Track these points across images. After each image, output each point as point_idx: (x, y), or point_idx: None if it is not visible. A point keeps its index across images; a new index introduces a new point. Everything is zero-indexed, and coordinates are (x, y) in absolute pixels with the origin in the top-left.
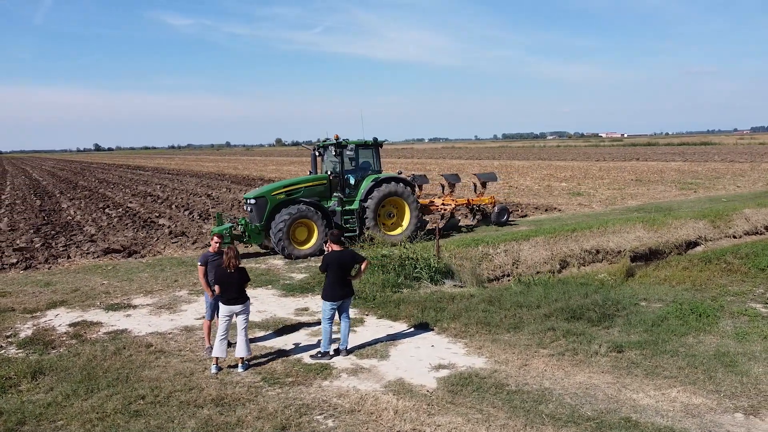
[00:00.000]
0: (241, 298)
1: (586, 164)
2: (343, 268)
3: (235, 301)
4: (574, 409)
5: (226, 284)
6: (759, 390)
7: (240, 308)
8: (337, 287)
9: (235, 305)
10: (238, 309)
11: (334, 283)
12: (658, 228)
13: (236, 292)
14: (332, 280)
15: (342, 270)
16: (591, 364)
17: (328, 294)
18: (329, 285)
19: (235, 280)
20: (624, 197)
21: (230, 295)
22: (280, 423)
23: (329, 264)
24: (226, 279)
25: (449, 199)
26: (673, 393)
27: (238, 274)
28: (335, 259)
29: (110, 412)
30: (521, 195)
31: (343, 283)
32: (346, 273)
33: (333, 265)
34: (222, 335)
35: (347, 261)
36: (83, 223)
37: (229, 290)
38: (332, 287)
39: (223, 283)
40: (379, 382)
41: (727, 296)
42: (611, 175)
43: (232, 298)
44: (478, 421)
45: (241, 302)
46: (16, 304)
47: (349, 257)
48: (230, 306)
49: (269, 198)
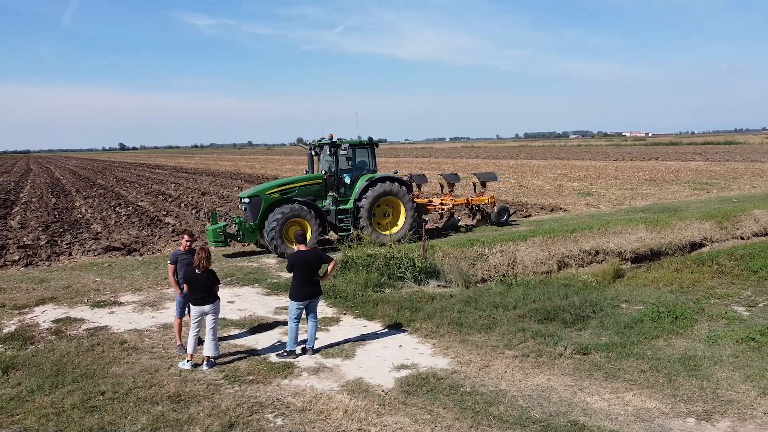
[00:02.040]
0: (209, 299)
1: (602, 164)
2: (309, 267)
3: (204, 301)
4: (523, 412)
5: (194, 284)
6: (716, 395)
7: (209, 308)
8: (303, 287)
9: (204, 305)
10: (207, 309)
11: (301, 283)
12: (661, 229)
13: (204, 292)
14: (298, 279)
15: (308, 270)
16: (553, 366)
17: (295, 293)
18: (296, 285)
19: (203, 280)
20: (634, 197)
21: (198, 295)
22: (229, 421)
23: (295, 264)
24: (194, 279)
25: (448, 199)
26: (628, 396)
27: (207, 276)
28: (300, 259)
29: (68, 407)
30: (530, 195)
31: (310, 282)
32: (313, 273)
33: (298, 264)
34: (194, 333)
35: (313, 261)
36: (92, 221)
37: (197, 290)
38: (299, 287)
39: (191, 283)
40: (338, 381)
41: (712, 299)
42: (625, 174)
43: (200, 298)
44: (425, 422)
45: (209, 302)
46: (6, 300)
47: (315, 257)
48: (199, 306)
49: (263, 197)
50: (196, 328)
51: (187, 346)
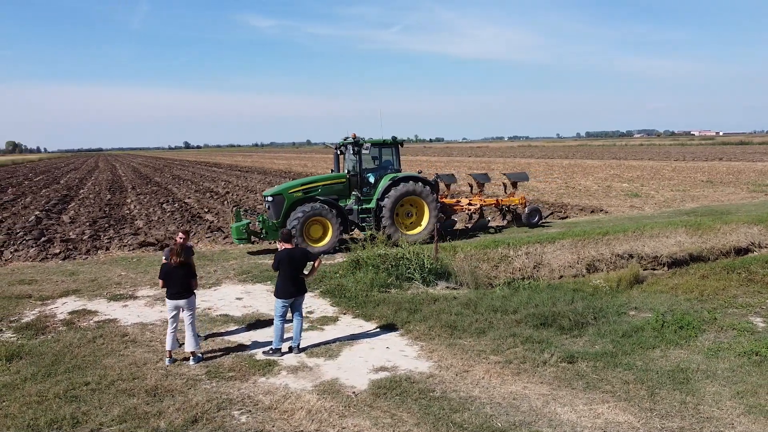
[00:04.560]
0: (185, 293)
1: (660, 164)
2: (294, 266)
3: (179, 295)
4: (486, 420)
5: (170, 278)
6: (697, 411)
7: (183, 303)
8: (288, 285)
9: (179, 300)
10: (182, 303)
11: (286, 281)
12: (703, 233)
13: (180, 286)
14: (284, 277)
15: (293, 268)
16: (534, 373)
17: (280, 291)
18: (281, 283)
19: (179, 274)
20: (684, 199)
21: (174, 290)
22: (193, 416)
23: (280, 262)
24: (170, 273)
25: (477, 199)
26: (601, 409)
27: (183, 270)
28: (285, 257)
29: (51, 396)
30: (574, 195)
31: (295, 281)
32: (298, 271)
33: (284, 262)
34: (171, 330)
35: (298, 259)
36: (137, 217)
37: (173, 284)
38: (284, 285)
39: (167, 278)
40: (313, 381)
41: (730, 308)
42: (682, 175)
43: (176, 293)
44: (385, 426)
45: (185, 297)
46: (35, 292)
47: (300, 255)
48: (174, 300)
49: (286, 196)
50: (173, 324)
51: (166, 344)
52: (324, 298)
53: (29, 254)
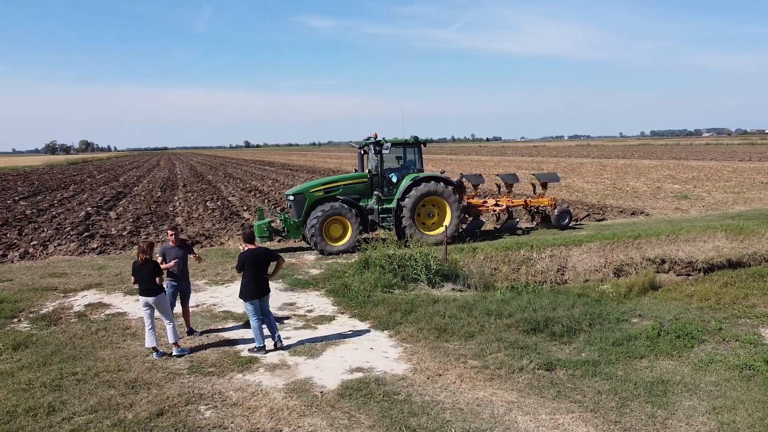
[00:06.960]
0: (152, 291)
1: (721, 164)
2: (258, 266)
3: (147, 292)
4: (442, 425)
5: (138, 276)
6: (664, 425)
7: (152, 300)
8: (252, 285)
9: (148, 296)
10: (150, 301)
11: (250, 282)
12: (744, 237)
13: (147, 283)
14: (248, 278)
15: (256, 268)
16: (508, 379)
17: (245, 293)
18: (245, 284)
19: (145, 272)
20: (736, 202)
21: (141, 287)
22: (160, 409)
23: (244, 262)
24: (136, 270)
25: (504, 200)
26: (563, 419)
27: (148, 267)
28: (249, 258)
29: (38, 385)
30: (618, 197)
31: (259, 280)
32: (262, 271)
33: (247, 263)
34: (149, 327)
35: (261, 259)
36: (179, 213)
37: (141, 281)
38: (248, 285)
39: (136, 275)
40: (287, 379)
41: (742, 318)
42: (742, 176)
43: (144, 290)
44: (340, 427)
45: (152, 294)
46: (61, 284)
47: (263, 255)
48: (144, 297)
49: (307, 195)
50: (148, 318)
51: (146, 340)
52: (327, 297)
53: (69, 248)
